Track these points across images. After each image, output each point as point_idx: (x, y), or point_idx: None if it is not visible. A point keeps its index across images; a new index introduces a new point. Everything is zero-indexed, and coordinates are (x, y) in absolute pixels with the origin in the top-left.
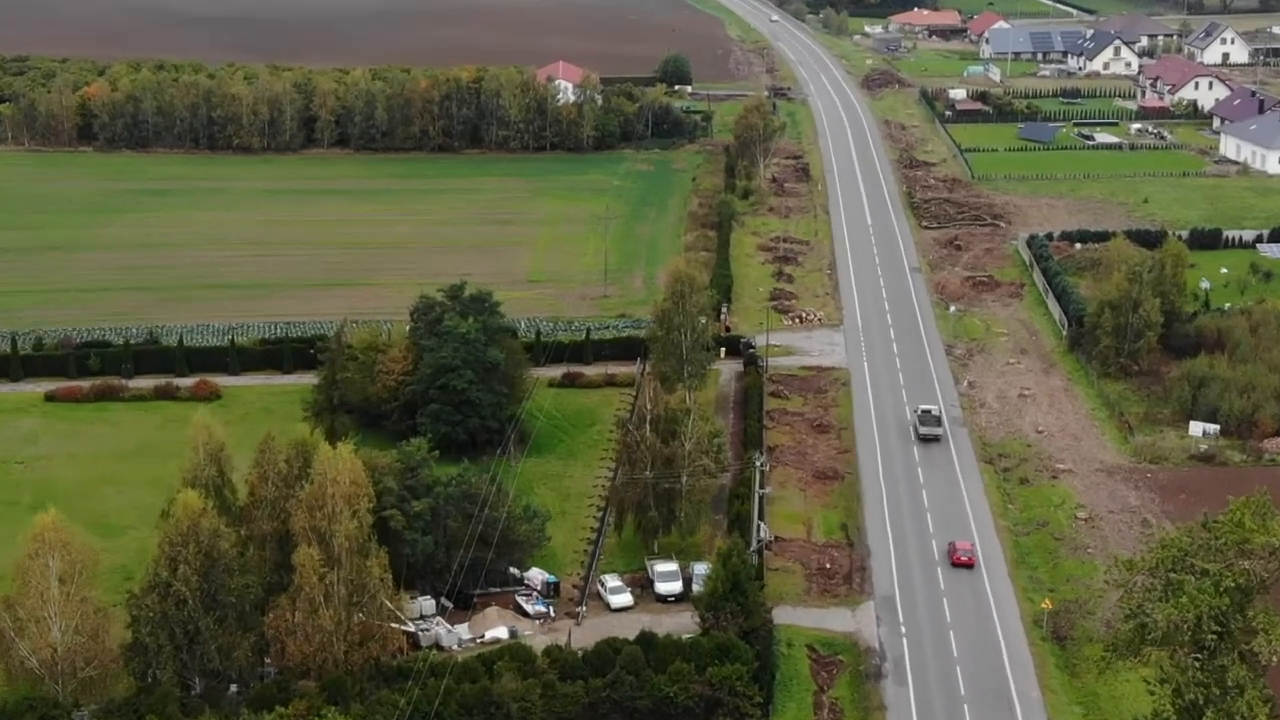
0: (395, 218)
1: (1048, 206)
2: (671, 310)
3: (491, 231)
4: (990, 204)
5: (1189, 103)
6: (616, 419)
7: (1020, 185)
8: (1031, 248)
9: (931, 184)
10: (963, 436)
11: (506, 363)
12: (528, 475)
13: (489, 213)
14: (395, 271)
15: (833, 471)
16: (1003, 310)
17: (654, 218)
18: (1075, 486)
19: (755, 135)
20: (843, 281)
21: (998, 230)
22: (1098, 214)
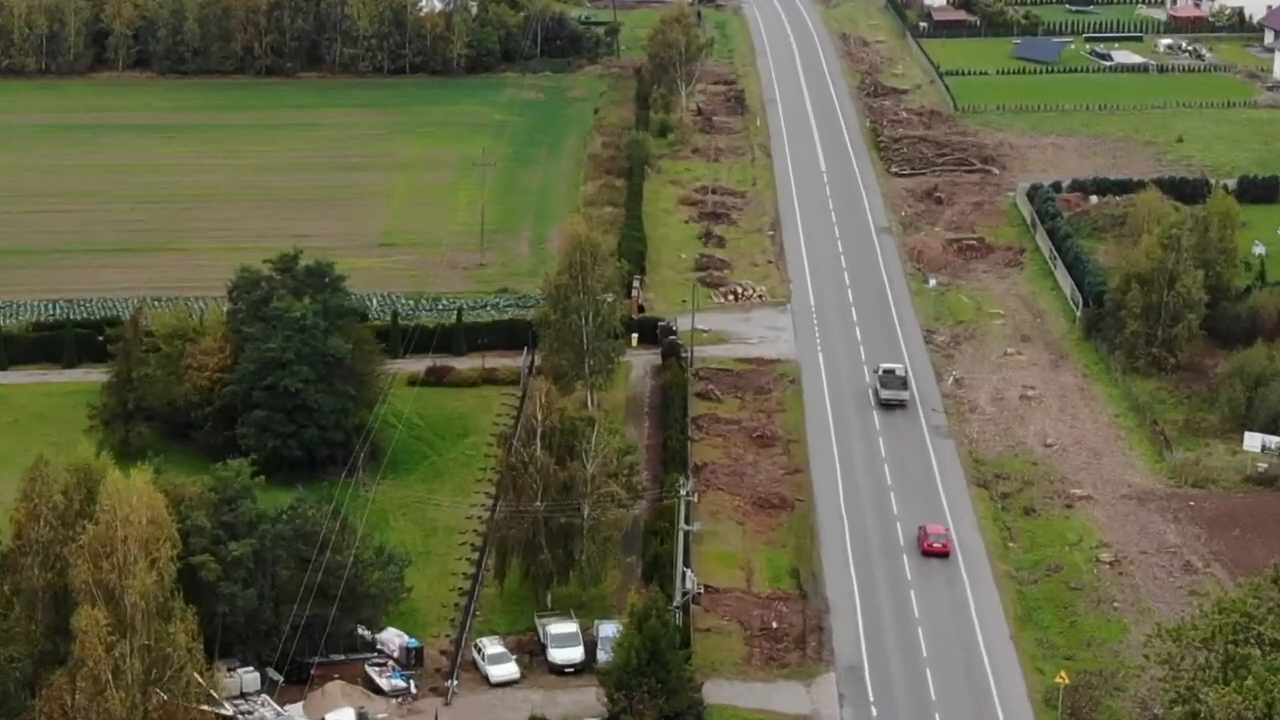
0: (210, 162)
1: (1053, 147)
2: (568, 286)
3: (335, 180)
4: (979, 144)
5: (1233, 11)
6: (497, 431)
7: (1017, 119)
8: (1034, 202)
9: (903, 118)
10: (948, 452)
11: (354, 356)
12: (382, 503)
13: (332, 155)
14: (209, 233)
15: (779, 498)
16: (997, 284)
17: (545, 162)
18: (1096, 518)
19: (675, 55)
20: (789, 246)
21: (989, 178)
22: (1118, 157)
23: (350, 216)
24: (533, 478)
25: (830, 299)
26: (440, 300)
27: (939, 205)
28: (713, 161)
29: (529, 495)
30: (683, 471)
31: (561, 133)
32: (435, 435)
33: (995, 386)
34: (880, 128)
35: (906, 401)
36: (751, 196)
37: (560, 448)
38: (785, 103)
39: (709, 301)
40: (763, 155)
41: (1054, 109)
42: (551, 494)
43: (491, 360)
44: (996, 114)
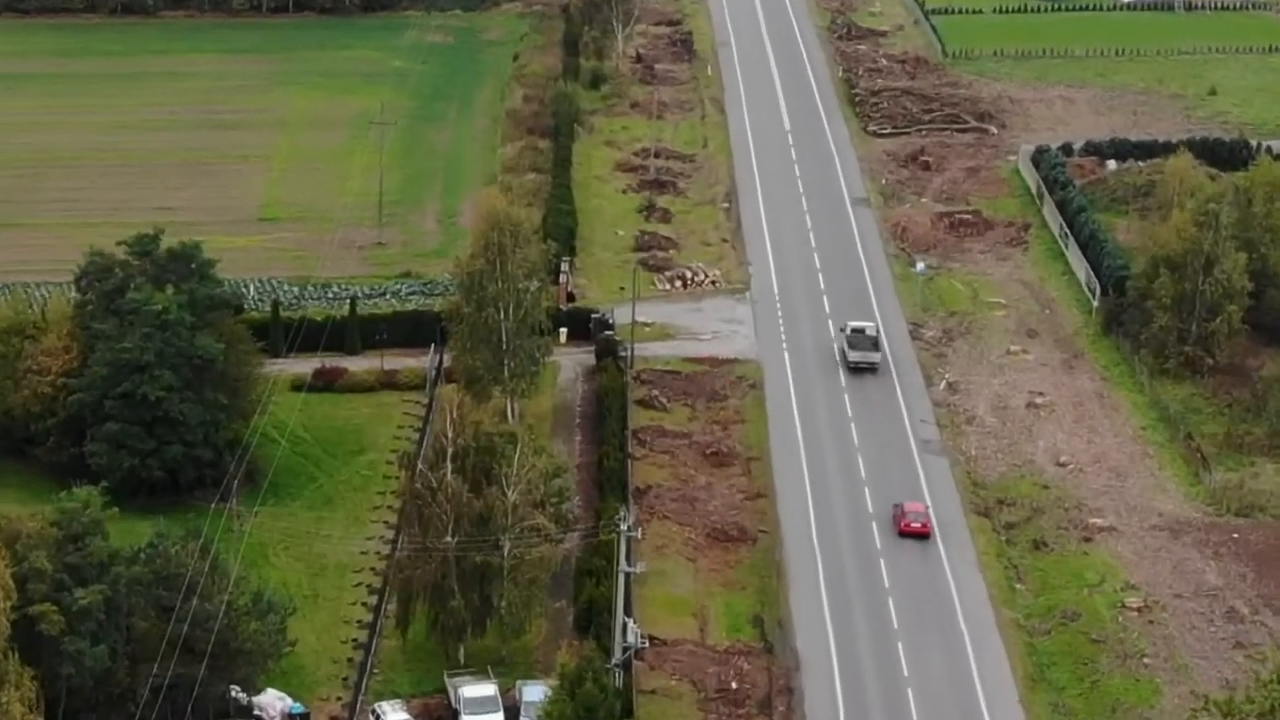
0: (54, 119)
1: (1062, 101)
2: (484, 273)
3: (204, 142)
4: (973, 98)
5: None
6: (399, 449)
7: (1019, 68)
8: (1040, 168)
9: (882, 66)
10: (941, 472)
11: (227, 357)
12: (260, 536)
13: (201, 111)
14: (52, 205)
15: (738, 530)
16: (998, 267)
17: (455, 119)
18: (1120, 554)
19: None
20: (748, 221)
21: (985, 139)
22: (1140, 113)
23: (223, 186)
24: (442, 507)
25: (797, 286)
26: (330, 287)
27: (926, 172)
28: (655, 119)
29: (437, 528)
30: (622, 499)
31: (474, 84)
32: (324, 452)
33: (997, 392)
34: (855, 78)
35: (878, 365)
36: (702, 161)
37: (475, 470)
38: (741, 47)
39: (652, 289)
40: (715, 111)
41: (1062, 55)
42: (465, 527)
43: (392, 360)
44: (993, 61)
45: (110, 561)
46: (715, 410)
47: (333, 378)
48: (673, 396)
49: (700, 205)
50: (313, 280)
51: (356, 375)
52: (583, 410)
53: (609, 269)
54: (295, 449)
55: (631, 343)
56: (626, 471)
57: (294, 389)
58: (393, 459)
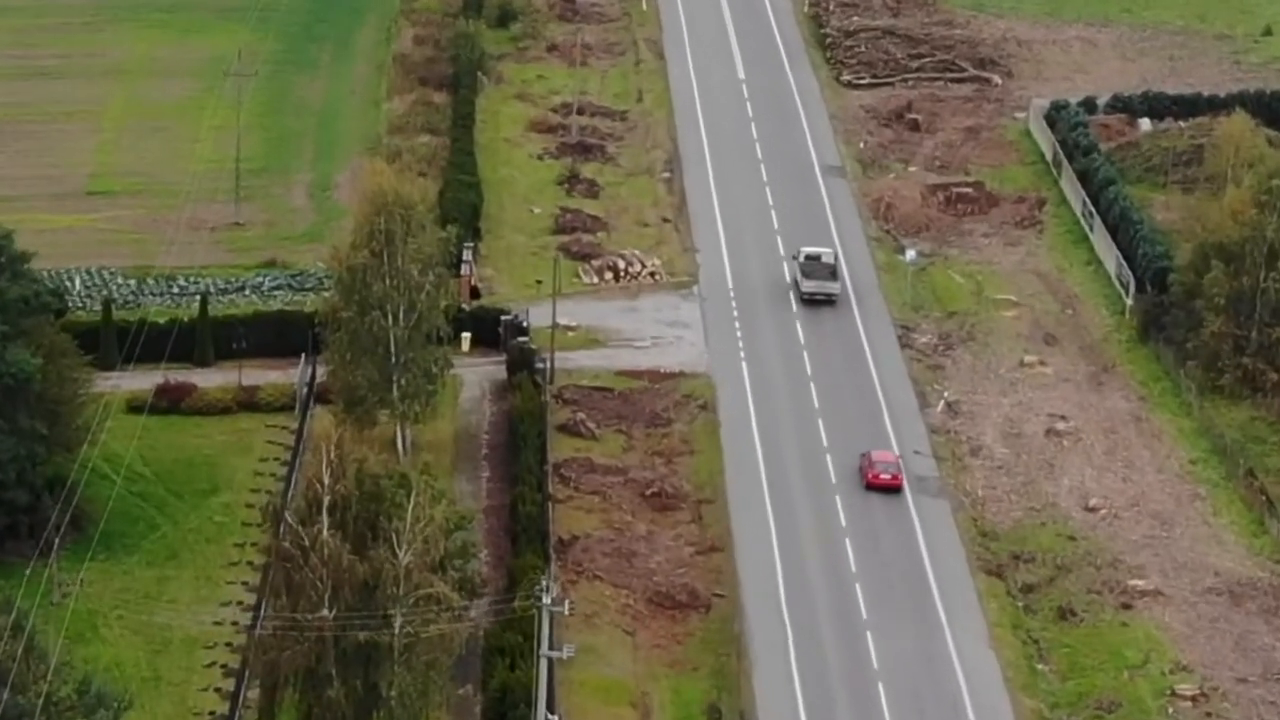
0: None
1: (1082, 43)
2: (368, 268)
3: (20, 94)
4: (971, 39)
5: None
6: (261, 492)
7: (1027, 2)
8: (1056, 128)
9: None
10: (940, 518)
11: (46, 374)
12: (89, 602)
13: (18, 55)
14: None
15: (688, 594)
16: (1006, 254)
17: (330, 66)
18: (1169, 625)
19: None
20: (695, 196)
21: (988, 91)
22: (1177, 59)
23: (43, 150)
24: (317, 572)
25: (756, 278)
26: (176, 280)
27: (915, 133)
28: (579, 65)
29: (311, 598)
30: (543, 556)
31: (354, 21)
32: (168, 492)
33: (1008, 415)
34: (825, 15)
35: (836, 297)
36: (636, 119)
37: (359, 524)
38: None
39: (576, 282)
40: (652, 56)
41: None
42: (345, 597)
43: (252, 374)
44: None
45: None
46: (657, 438)
47: (179, 396)
48: (603, 421)
49: (635, 175)
50: (154, 272)
51: (208, 393)
52: (491, 438)
53: (522, 256)
54: (133, 488)
55: (551, 352)
56: (547, 519)
57: (131, 410)
58: (253, 502)
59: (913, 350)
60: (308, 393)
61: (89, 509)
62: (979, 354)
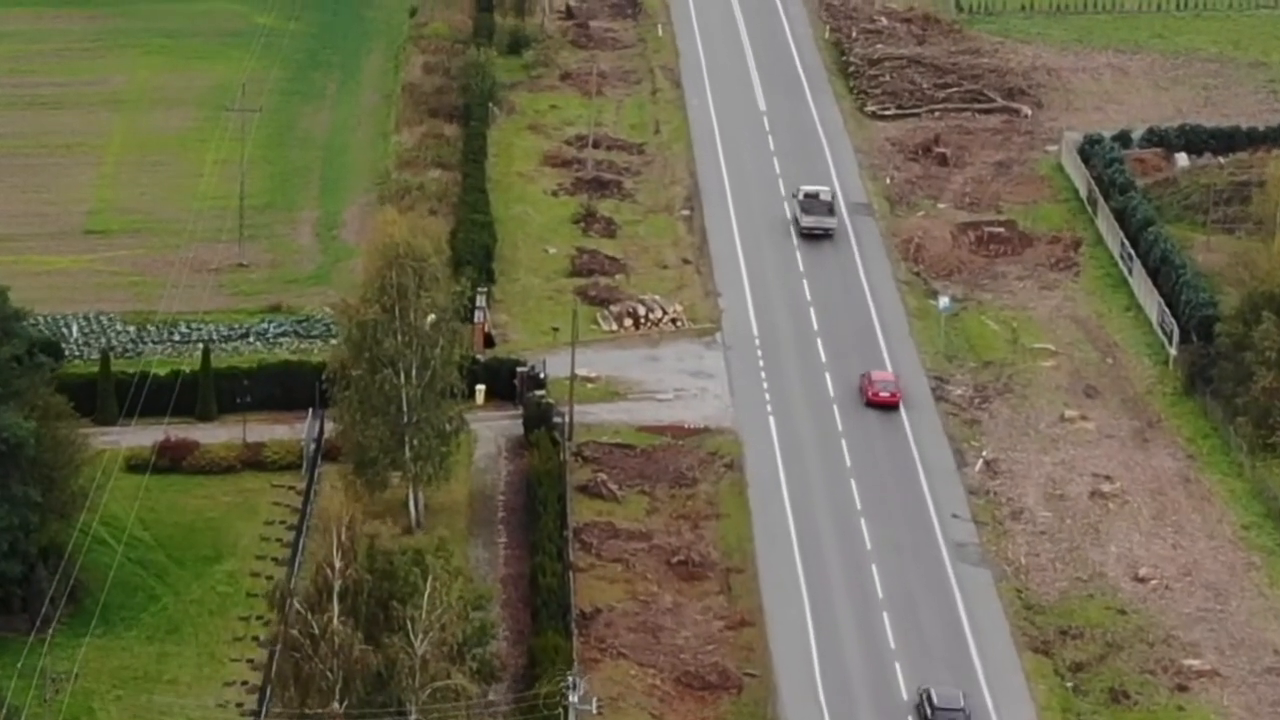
0: None
1: (1112, 72)
2: (379, 324)
3: (18, 125)
4: (1000, 68)
5: None
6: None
7: (1055, 28)
8: (1091, 163)
9: (882, 26)
10: (982, 588)
11: (41, 439)
12: (86, 681)
13: (13, 84)
14: None
15: (718, 674)
16: (1042, 299)
17: (336, 96)
18: (1230, 710)
19: None
20: (716, 235)
21: (1017, 123)
22: (1213, 88)
23: (41, 186)
24: (327, 662)
25: (783, 326)
26: (178, 326)
27: (943, 168)
28: (594, 95)
29: (321, 691)
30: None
31: (361, 46)
32: (170, 559)
33: (1050, 475)
34: (848, 42)
35: (833, 231)
36: (654, 152)
37: (371, 605)
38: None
39: (595, 329)
40: (669, 85)
41: (1109, 10)
42: (358, 689)
43: (257, 428)
44: (1022, 19)
45: None
46: (682, 500)
47: (181, 454)
48: (625, 481)
49: (653, 213)
50: (155, 317)
51: (211, 450)
52: (507, 500)
53: (537, 301)
54: (132, 554)
55: (570, 405)
56: (568, 591)
57: (131, 469)
58: (259, 570)
59: (948, 404)
60: (315, 450)
61: (86, 579)
62: (1017, 407)
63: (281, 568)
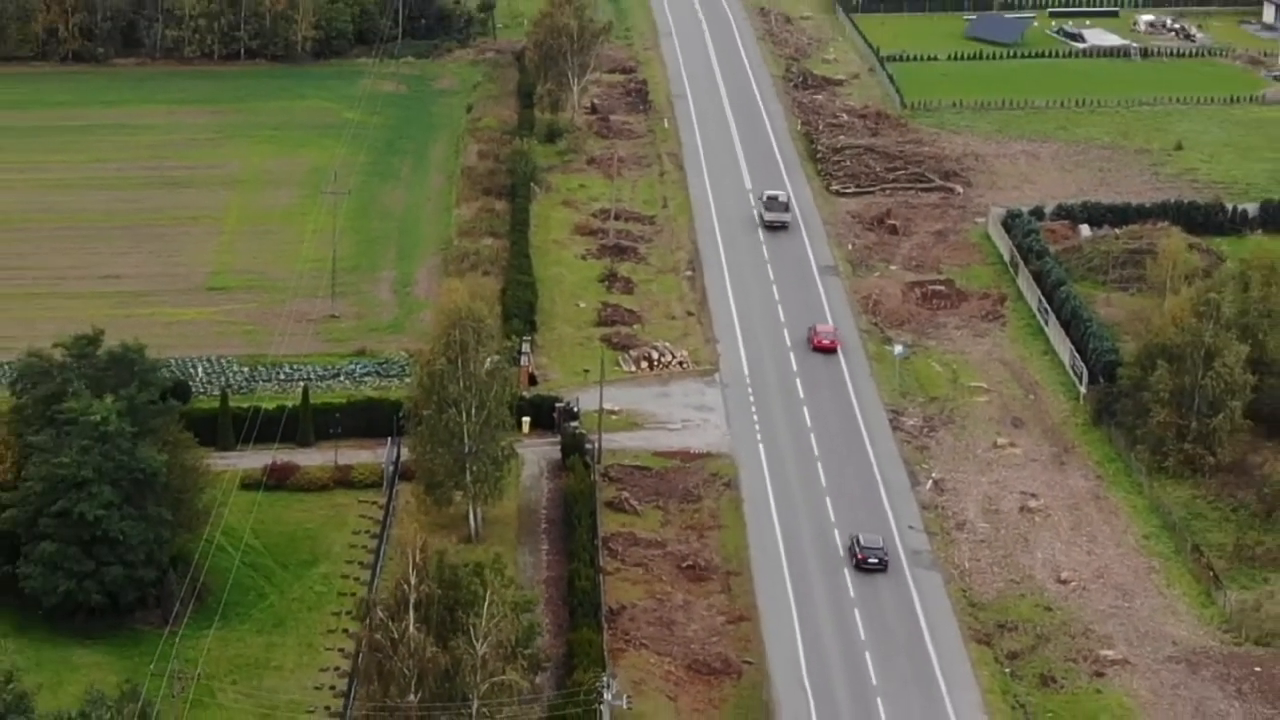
0: (3, 176)
1: (1026, 157)
2: (445, 373)
3: (154, 201)
4: (937, 154)
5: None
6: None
7: (979, 120)
8: (1013, 233)
9: (843, 121)
10: (934, 589)
11: (171, 468)
12: (209, 667)
13: (153, 167)
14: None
15: (721, 661)
16: (975, 345)
17: (409, 177)
18: (1137, 693)
19: (565, 44)
20: (713, 293)
21: (952, 199)
22: (1106, 170)
23: (172, 251)
24: (404, 661)
25: (768, 368)
26: (282, 367)
27: (894, 236)
28: (613, 177)
29: (399, 685)
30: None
31: (428, 136)
32: (276, 563)
33: (986, 493)
34: (815, 134)
35: (789, 223)
36: (662, 223)
37: (440, 614)
38: (697, 97)
39: (617, 370)
40: (673, 168)
41: (1022, 106)
42: (429, 684)
43: (347, 453)
44: (953, 113)
45: None
46: (689, 514)
47: (285, 475)
48: (643, 497)
49: (663, 273)
50: (264, 360)
51: (309, 472)
52: (549, 513)
53: (571, 347)
54: (246, 558)
55: (599, 434)
56: (599, 593)
57: (244, 487)
58: (348, 573)
59: (902, 432)
60: (393, 471)
61: (208, 581)
62: (958, 436)
63: (365, 570)
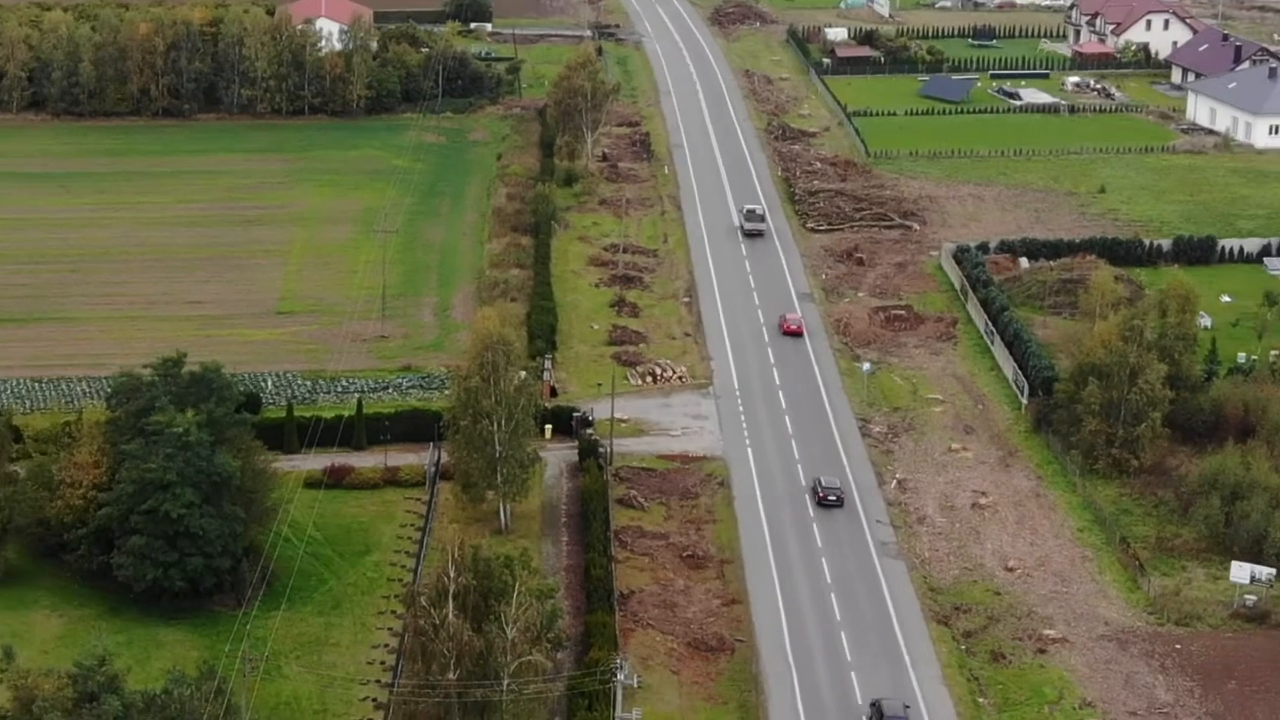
0: (103, 215)
1: (972, 199)
2: (479, 390)
3: (231, 237)
4: (896, 197)
5: (1139, 47)
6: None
7: (932, 167)
8: (962, 265)
9: (816, 167)
10: (899, 576)
11: (244, 472)
12: (276, 645)
13: (229, 207)
14: (97, 299)
15: (717, 640)
16: (932, 362)
17: (448, 216)
18: (1074, 667)
19: (581, 102)
20: (707, 315)
21: (910, 235)
22: (1041, 210)
23: (246, 280)
24: (444, 645)
25: (755, 381)
26: (339, 381)
27: (861, 267)
28: (622, 216)
29: (440, 664)
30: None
31: (464, 180)
32: (334, 552)
33: (943, 490)
34: (793, 178)
35: (764, 231)
36: (664, 256)
37: (475, 602)
38: (692, 147)
39: (626, 384)
40: (673, 208)
41: (968, 155)
42: (466, 663)
43: (395, 456)
44: (910, 160)
45: (126, 713)
46: (688, 509)
47: (341, 475)
48: (649, 495)
49: (664, 299)
50: (324, 375)
51: (363, 473)
52: (568, 509)
53: (586, 363)
54: (308, 549)
55: (611, 440)
56: (612, 580)
57: (307, 486)
58: (396, 560)
59: (870, 438)
60: (435, 472)
61: (276, 569)
62: (918, 441)
63: (411, 559)
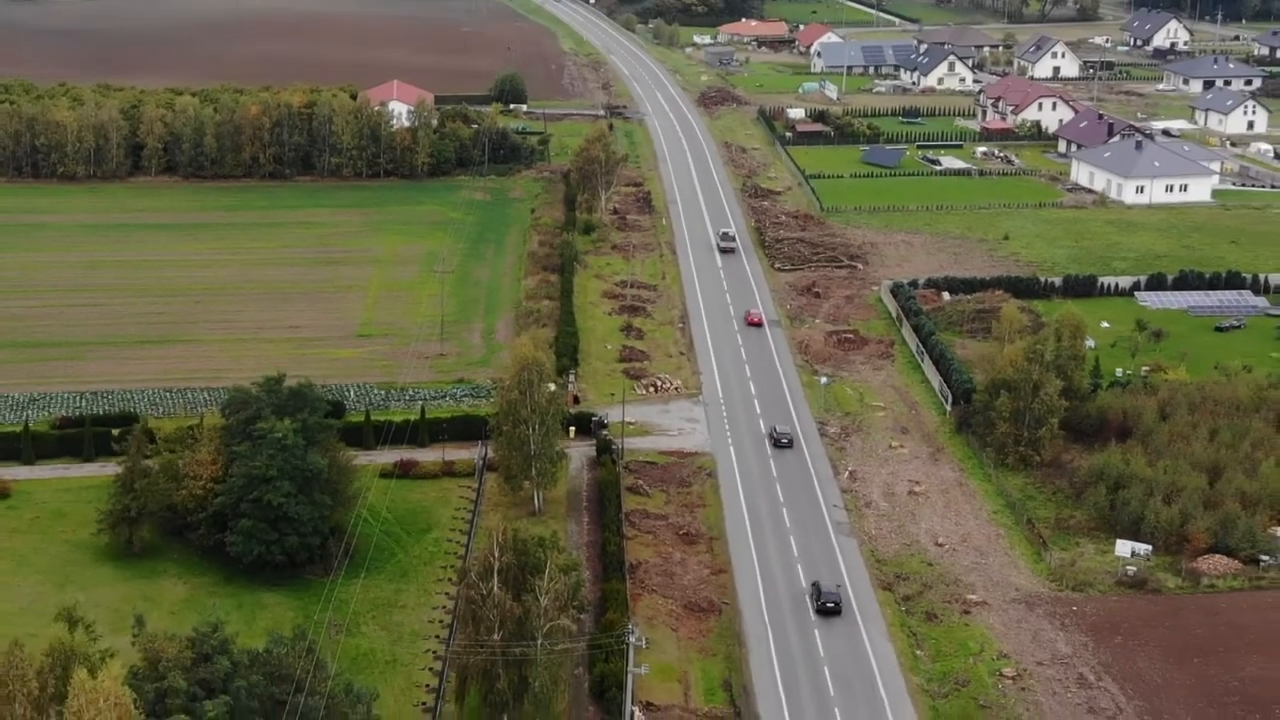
0: (222, 257)
1: (904, 244)
2: (518, 402)
3: (322, 275)
4: (845, 242)
5: (1032, 124)
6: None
7: (872, 218)
8: (898, 298)
9: (782, 219)
10: (852, 551)
11: (330, 468)
12: (356, 608)
13: (321, 250)
14: (216, 324)
15: (707, 602)
16: (874, 375)
17: (492, 258)
18: (992, 625)
19: (597, 168)
20: (697, 338)
21: (856, 273)
22: (958, 253)
23: (334, 308)
24: (490, 611)
25: (735, 391)
26: (406, 390)
27: (817, 299)
28: (629, 258)
29: (486, 627)
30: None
31: (505, 230)
32: (402, 530)
33: (885, 481)
34: (763, 228)
35: (735, 248)
36: (662, 290)
37: (515, 575)
38: (684, 204)
39: (633, 394)
40: (669, 252)
41: (900, 209)
42: (508, 627)
43: (451, 452)
44: (855, 213)
45: (235, 671)
46: (683, 495)
47: (408, 468)
48: (652, 484)
49: (663, 325)
50: (395, 386)
51: (425, 465)
52: (588, 495)
53: (601, 377)
54: (382, 528)
55: (622, 439)
56: (623, 554)
57: (381, 477)
58: (452, 538)
59: (826, 438)
60: (482, 465)
61: (357, 544)
62: (865, 440)
63: (463, 536)
